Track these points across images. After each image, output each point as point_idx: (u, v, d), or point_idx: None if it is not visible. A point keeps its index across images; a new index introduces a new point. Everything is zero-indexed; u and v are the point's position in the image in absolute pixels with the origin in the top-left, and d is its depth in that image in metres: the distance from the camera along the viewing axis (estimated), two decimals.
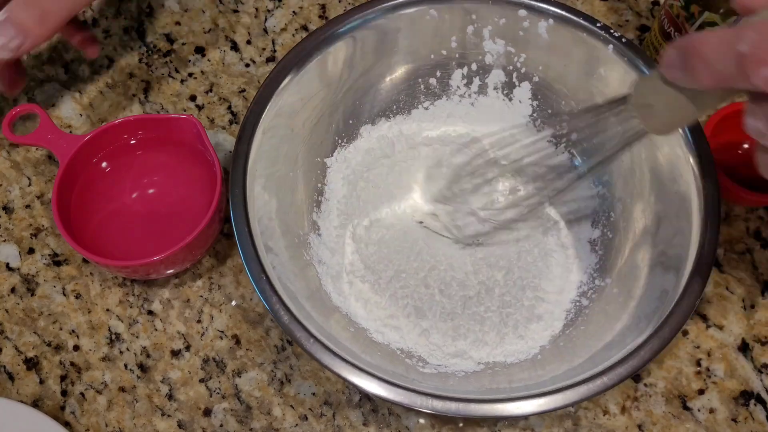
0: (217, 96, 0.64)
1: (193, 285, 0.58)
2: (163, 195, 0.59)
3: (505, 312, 0.54)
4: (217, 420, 0.54)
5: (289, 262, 0.51)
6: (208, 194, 0.55)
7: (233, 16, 0.67)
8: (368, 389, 0.45)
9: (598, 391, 0.44)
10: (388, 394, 0.45)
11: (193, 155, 0.57)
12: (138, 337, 0.56)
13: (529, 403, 0.44)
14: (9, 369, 0.56)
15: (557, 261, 0.56)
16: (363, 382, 0.45)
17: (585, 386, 0.44)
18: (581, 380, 0.45)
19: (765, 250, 0.58)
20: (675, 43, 0.36)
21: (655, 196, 0.53)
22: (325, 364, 0.45)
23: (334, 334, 0.48)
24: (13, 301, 0.58)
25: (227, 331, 0.56)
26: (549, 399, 0.44)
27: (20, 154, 0.62)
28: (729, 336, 0.55)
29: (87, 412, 0.54)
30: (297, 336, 0.46)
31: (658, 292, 0.48)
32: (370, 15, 0.55)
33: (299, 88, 0.54)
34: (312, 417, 0.54)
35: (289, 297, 0.48)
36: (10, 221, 0.60)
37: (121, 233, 0.57)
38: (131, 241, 0.57)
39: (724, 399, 0.54)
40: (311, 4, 0.68)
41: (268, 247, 0.49)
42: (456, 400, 0.45)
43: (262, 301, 0.47)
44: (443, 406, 0.45)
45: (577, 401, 0.44)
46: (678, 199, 0.50)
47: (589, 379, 0.45)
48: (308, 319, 0.47)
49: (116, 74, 0.65)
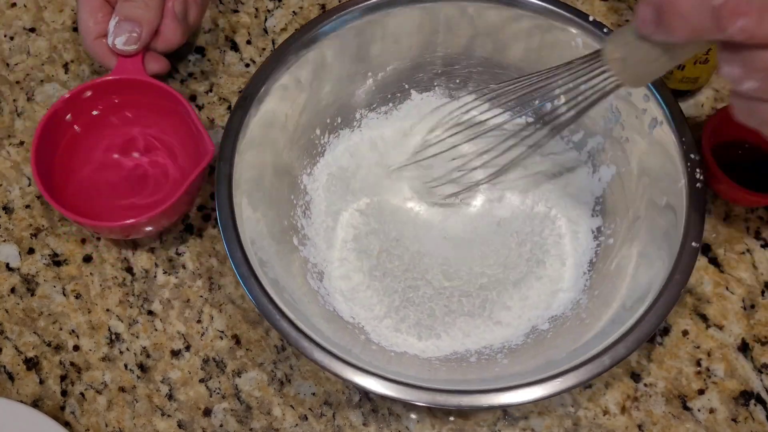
0: (217, 96, 0.64)
1: (193, 285, 0.58)
2: (147, 157, 0.60)
3: (492, 300, 0.54)
4: (217, 420, 0.54)
5: (277, 258, 0.52)
6: (191, 159, 0.57)
7: (233, 16, 0.67)
8: (371, 387, 0.45)
9: (598, 373, 0.45)
10: (389, 392, 0.45)
11: (180, 123, 0.57)
12: (138, 337, 0.56)
13: (529, 391, 0.45)
14: (9, 369, 0.56)
15: (553, 253, 0.56)
16: (364, 381, 0.45)
17: (585, 368, 0.45)
18: (584, 361, 0.45)
19: (765, 250, 0.58)
20: None
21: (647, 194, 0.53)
22: (319, 362, 0.45)
23: (324, 331, 0.48)
24: (13, 301, 0.58)
25: (227, 331, 0.56)
26: (553, 383, 0.45)
27: (20, 155, 0.63)
28: (729, 336, 0.55)
29: (87, 412, 0.54)
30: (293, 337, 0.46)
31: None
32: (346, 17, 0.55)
33: (281, 93, 0.54)
34: (312, 417, 0.54)
35: (285, 302, 0.48)
36: (10, 221, 0.60)
37: (103, 194, 0.58)
38: (113, 201, 0.58)
39: (724, 399, 0.54)
40: (311, 4, 0.68)
41: (258, 247, 0.50)
42: (452, 392, 0.45)
43: (261, 312, 0.47)
44: (444, 399, 0.45)
45: (582, 382, 0.45)
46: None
47: (590, 360, 0.45)
48: (311, 328, 0.47)
49: None
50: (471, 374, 0.51)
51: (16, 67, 0.66)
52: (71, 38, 0.67)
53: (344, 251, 0.56)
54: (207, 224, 0.60)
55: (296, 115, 0.56)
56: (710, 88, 0.62)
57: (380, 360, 0.50)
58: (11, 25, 0.67)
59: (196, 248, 0.59)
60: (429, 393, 0.45)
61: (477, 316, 0.54)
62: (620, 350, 0.45)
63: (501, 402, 0.44)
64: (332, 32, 0.55)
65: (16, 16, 0.67)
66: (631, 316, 0.47)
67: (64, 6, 0.68)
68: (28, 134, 0.63)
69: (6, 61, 0.66)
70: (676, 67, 0.57)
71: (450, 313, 0.54)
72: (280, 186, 0.55)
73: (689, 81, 0.59)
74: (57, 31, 0.67)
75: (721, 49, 0.37)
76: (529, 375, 0.46)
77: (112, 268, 0.58)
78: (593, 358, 0.45)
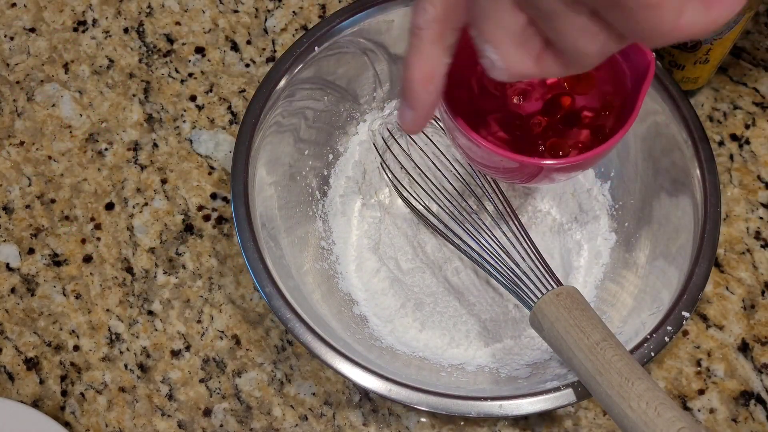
0: (217, 96, 0.64)
1: (193, 285, 0.58)
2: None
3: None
4: (217, 420, 0.54)
5: (291, 254, 0.52)
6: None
7: (233, 16, 0.67)
8: (375, 388, 0.45)
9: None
10: (391, 393, 0.45)
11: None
12: (138, 337, 0.56)
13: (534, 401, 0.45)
14: (9, 369, 0.56)
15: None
16: (366, 379, 0.45)
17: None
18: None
19: (765, 250, 0.57)
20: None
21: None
22: (321, 356, 0.45)
23: (330, 325, 0.49)
24: (13, 301, 0.58)
25: (227, 331, 0.56)
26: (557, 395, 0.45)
27: (20, 155, 0.63)
28: (729, 336, 0.55)
29: (87, 412, 0.54)
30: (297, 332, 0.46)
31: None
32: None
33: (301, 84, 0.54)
34: (312, 417, 0.54)
35: (294, 297, 0.48)
36: (10, 221, 0.60)
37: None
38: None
39: (724, 399, 0.53)
40: (311, 4, 0.68)
41: (273, 239, 0.50)
42: (458, 397, 0.45)
43: (274, 309, 0.47)
44: (443, 403, 0.45)
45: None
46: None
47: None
48: (321, 326, 0.48)
49: (116, 74, 0.65)
50: (482, 383, 0.51)
51: (16, 67, 0.66)
52: (71, 38, 0.67)
53: (362, 240, 0.57)
54: (207, 224, 0.60)
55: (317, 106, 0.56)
56: (710, 88, 0.62)
57: (394, 363, 0.50)
58: (11, 25, 0.67)
59: (196, 248, 0.59)
60: (441, 398, 0.45)
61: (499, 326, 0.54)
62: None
63: (516, 412, 0.45)
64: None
65: (16, 16, 0.67)
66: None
67: (64, 6, 0.68)
68: (28, 134, 0.63)
69: (6, 61, 0.66)
70: (676, 67, 0.57)
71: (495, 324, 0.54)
72: (298, 180, 0.56)
73: (689, 81, 0.59)
74: (57, 31, 0.67)
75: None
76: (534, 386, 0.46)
77: (112, 268, 0.58)
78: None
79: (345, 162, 0.59)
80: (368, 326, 0.53)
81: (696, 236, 0.48)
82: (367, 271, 0.56)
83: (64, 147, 0.63)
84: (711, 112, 0.61)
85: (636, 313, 0.50)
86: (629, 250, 0.54)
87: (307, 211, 0.56)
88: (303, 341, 0.46)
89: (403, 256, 0.56)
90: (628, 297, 0.52)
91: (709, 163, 0.50)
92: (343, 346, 0.47)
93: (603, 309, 0.52)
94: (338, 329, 0.50)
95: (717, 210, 0.49)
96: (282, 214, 0.54)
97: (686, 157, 0.51)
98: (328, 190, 0.58)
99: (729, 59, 0.63)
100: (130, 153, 0.62)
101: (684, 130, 0.51)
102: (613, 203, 0.56)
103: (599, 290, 0.54)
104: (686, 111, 0.51)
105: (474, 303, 0.54)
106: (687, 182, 0.50)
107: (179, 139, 0.62)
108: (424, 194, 0.56)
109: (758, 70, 0.62)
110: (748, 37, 0.63)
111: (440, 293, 0.55)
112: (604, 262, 0.55)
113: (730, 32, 0.53)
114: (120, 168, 0.62)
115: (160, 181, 0.61)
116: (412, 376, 0.48)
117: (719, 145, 0.60)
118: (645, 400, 0.38)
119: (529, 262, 0.48)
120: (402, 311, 0.54)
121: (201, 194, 0.60)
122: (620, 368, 0.39)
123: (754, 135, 0.60)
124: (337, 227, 0.57)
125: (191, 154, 0.62)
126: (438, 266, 0.56)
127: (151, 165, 0.62)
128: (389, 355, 0.51)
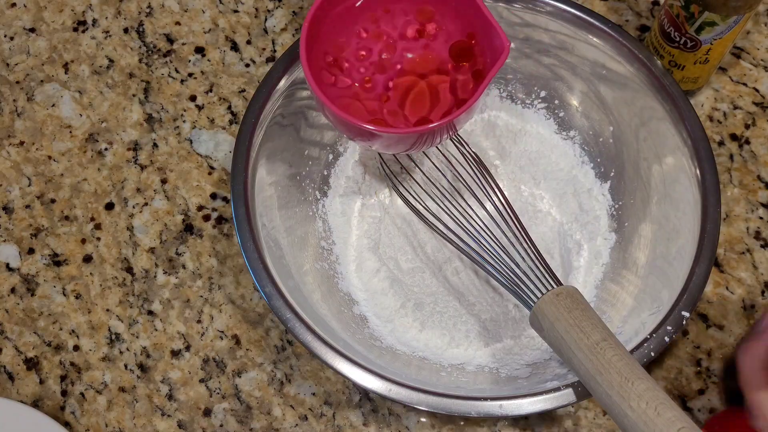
0: (217, 96, 0.64)
1: (193, 285, 0.58)
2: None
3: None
4: (217, 420, 0.54)
5: (292, 254, 0.52)
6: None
7: (233, 16, 0.67)
8: (377, 389, 0.45)
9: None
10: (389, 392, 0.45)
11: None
12: (138, 337, 0.56)
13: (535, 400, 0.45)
14: (9, 369, 0.56)
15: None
16: (367, 379, 0.45)
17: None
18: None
19: (765, 250, 0.57)
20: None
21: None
22: (321, 356, 0.45)
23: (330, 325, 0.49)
24: (13, 301, 0.58)
25: (227, 331, 0.56)
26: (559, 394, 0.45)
27: (20, 155, 0.63)
28: (729, 336, 0.55)
29: (87, 412, 0.54)
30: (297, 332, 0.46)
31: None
32: None
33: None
34: (312, 417, 0.54)
35: (294, 297, 0.48)
36: (10, 221, 0.60)
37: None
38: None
39: (724, 399, 0.53)
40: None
41: (275, 243, 0.50)
42: (458, 397, 0.45)
43: (272, 309, 0.47)
44: (442, 402, 0.45)
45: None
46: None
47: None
48: (320, 325, 0.48)
49: (116, 74, 0.65)
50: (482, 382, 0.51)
51: (16, 67, 0.66)
52: (71, 38, 0.67)
53: (362, 240, 0.57)
54: (207, 224, 0.60)
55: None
56: (710, 87, 0.62)
57: (398, 364, 0.50)
58: (11, 25, 0.67)
59: (196, 248, 0.59)
60: (441, 398, 0.45)
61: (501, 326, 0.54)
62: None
63: (516, 412, 0.45)
64: None
65: (16, 16, 0.67)
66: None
67: (64, 6, 0.68)
68: (28, 134, 0.63)
69: (6, 61, 0.66)
70: (676, 67, 0.57)
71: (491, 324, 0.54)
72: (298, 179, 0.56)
73: (689, 81, 0.59)
74: (57, 31, 0.67)
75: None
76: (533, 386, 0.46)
77: (112, 268, 0.58)
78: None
79: (345, 162, 0.59)
80: (368, 326, 0.53)
81: (696, 236, 0.48)
82: (367, 271, 0.56)
83: (64, 147, 0.63)
84: (711, 112, 0.61)
85: (636, 313, 0.50)
86: (629, 250, 0.54)
87: (307, 211, 0.56)
88: (303, 341, 0.46)
89: (403, 256, 0.56)
90: (628, 297, 0.52)
91: (708, 163, 0.50)
92: (343, 346, 0.47)
93: (603, 309, 0.52)
94: (338, 329, 0.50)
95: (717, 210, 0.49)
96: (282, 214, 0.54)
97: (686, 157, 0.51)
98: (328, 190, 0.58)
99: (729, 59, 0.63)
100: (130, 153, 0.62)
101: (684, 130, 0.51)
102: (613, 203, 0.56)
103: (599, 290, 0.54)
104: (686, 111, 0.51)
105: (474, 303, 0.54)
106: (687, 182, 0.50)
107: (179, 139, 0.62)
108: (424, 194, 0.56)
109: (758, 70, 0.62)
110: (748, 37, 0.63)
111: (440, 293, 0.55)
112: (604, 262, 0.55)
113: (730, 32, 0.53)
114: (120, 168, 0.62)
115: (160, 181, 0.61)
116: (412, 376, 0.48)
117: (719, 145, 0.60)
118: (645, 399, 0.38)
119: (529, 262, 0.48)
120: (402, 311, 0.54)
121: (201, 194, 0.60)
122: (620, 368, 0.39)
123: (754, 135, 0.60)
124: (337, 227, 0.57)
125: (191, 154, 0.62)
126: (438, 266, 0.56)
127: (151, 165, 0.62)
128: (389, 355, 0.51)
